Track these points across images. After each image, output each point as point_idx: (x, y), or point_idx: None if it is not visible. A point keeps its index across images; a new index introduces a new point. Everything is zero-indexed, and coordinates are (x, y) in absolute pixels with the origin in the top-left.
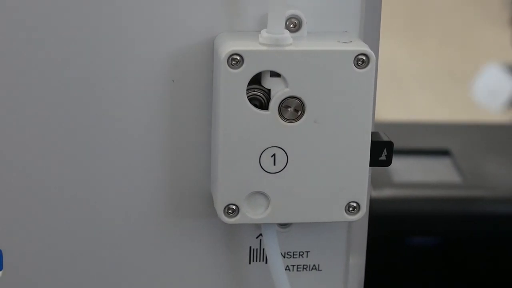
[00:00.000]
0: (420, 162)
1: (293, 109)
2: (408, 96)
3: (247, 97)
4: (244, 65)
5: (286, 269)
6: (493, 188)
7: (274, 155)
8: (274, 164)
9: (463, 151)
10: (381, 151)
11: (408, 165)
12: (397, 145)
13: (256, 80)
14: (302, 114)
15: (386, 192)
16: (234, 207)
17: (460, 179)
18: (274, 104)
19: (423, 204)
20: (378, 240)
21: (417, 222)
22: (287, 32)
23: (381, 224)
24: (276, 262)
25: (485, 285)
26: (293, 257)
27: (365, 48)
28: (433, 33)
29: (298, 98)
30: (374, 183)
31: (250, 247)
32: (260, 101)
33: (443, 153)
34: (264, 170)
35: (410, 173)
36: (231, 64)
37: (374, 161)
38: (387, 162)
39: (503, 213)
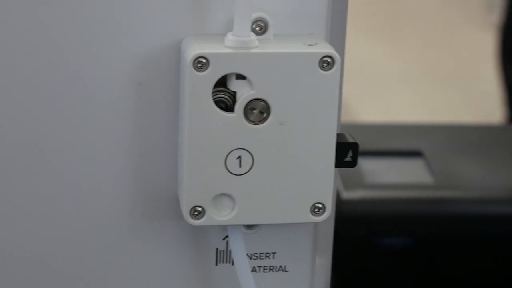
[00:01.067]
0: (392, 163)
1: (259, 111)
2: (388, 97)
3: (213, 99)
4: (209, 68)
5: (253, 270)
6: (464, 188)
7: (240, 157)
8: (240, 166)
9: (435, 152)
10: (347, 152)
11: (380, 166)
12: (369, 146)
13: (222, 82)
14: (268, 116)
15: (358, 194)
16: (200, 209)
17: (432, 180)
18: (239, 106)
19: (395, 205)
20: (350, 241)
21: (389, 223)
22: (253, 35)
23: (353, 226)
24: (242, 263)
25: (457, 285)
26: (260, 258)
27: (330, 50)
28: (414, 34)
29: (264, 101)
30: (346, 184)
31: (217, 249)
32: (226, 103)
33: (415, 154)
34: (230, 172)
35: (382, 175)
36: (197, 67)
37: (340, 163)
38: (353, 163)
39: (475, 213)
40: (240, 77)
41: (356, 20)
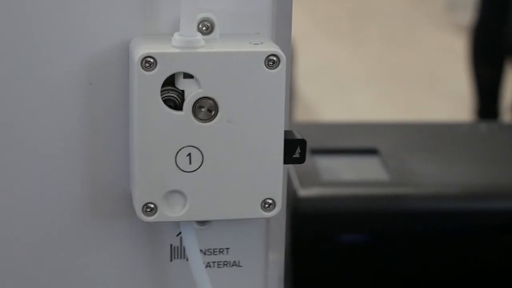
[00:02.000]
0: (348, 161)
1: (207, 109)
2: (351, 97)
3: (162, 98)
4: (157, 68)
5: (207, 266)
6: (419, 185)
7: (189, 154)
8: (190, 163)
9: (391, 150)
10: (295, 149)
11: (337, 164)
12: (325, 144)
13: (170, 81)
14: (216, 114)
15: (315, 191)
16: (152, 205)
17: (387, 177)
18: (188, 104)
19: (351, 202)
20: (306, 238)
21: (346, 220)
22: (199, 35)
23: (309, 223)
24: (196, 259)
25: (413, 282)
26: (214, 254)
27: (275, 49)
28: (375, 35)
29: (211, 99)
30: (303, 182)
31: (171, 245)
32: (175, 102)
33: (371, 152)
34: (181, 169)
35: (339, 172)
36: (145, 66)
37: (288, 159)
38: (301, 160)
39: (429, 210)
40: (188, 76)
41: (319, 22)
